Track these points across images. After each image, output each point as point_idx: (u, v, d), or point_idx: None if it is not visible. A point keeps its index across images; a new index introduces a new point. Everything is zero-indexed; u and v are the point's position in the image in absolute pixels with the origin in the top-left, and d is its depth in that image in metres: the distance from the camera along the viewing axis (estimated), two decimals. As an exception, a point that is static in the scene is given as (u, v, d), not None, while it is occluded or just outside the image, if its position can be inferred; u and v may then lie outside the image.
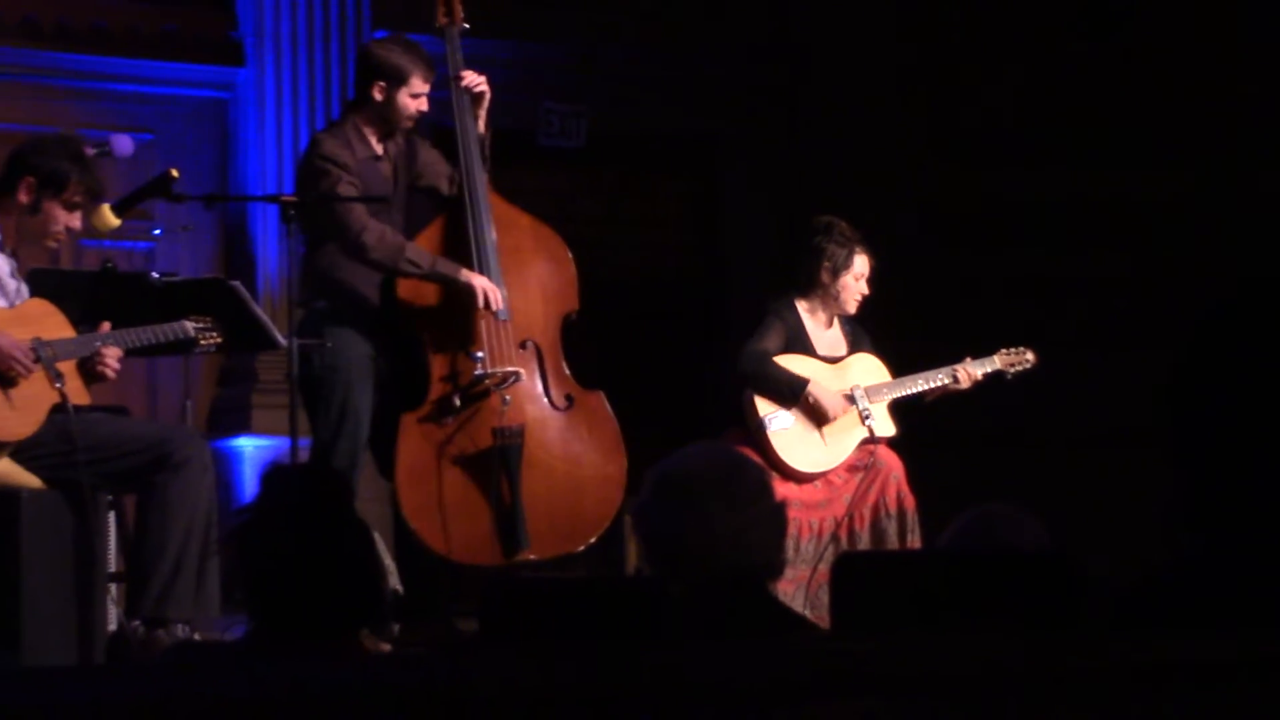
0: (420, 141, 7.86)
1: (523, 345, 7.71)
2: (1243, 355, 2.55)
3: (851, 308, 8.26)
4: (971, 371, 8.37)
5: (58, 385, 6.47)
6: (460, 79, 7.77)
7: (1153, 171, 12.20)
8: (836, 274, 8.19)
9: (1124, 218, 12.21)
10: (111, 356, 6.66)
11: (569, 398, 7.76)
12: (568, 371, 7.80)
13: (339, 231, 7.48)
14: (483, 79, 7.80)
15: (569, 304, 7.87)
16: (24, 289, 6.72)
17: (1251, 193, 11.63)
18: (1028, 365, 8.52)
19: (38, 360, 6.47)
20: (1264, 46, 11.82)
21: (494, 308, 7.56)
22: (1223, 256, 10.98)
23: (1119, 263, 12.17)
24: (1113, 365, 10.83)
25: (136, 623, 6.64)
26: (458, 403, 7.57)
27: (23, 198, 6.64)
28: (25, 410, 6.46)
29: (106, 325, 6.76)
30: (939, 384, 8.32)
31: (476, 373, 7.57)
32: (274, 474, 3.75)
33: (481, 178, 7.70)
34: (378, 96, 7.61)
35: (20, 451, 6.50)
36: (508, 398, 7.59)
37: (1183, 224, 12.03)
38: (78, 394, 6.57)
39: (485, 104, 7.80)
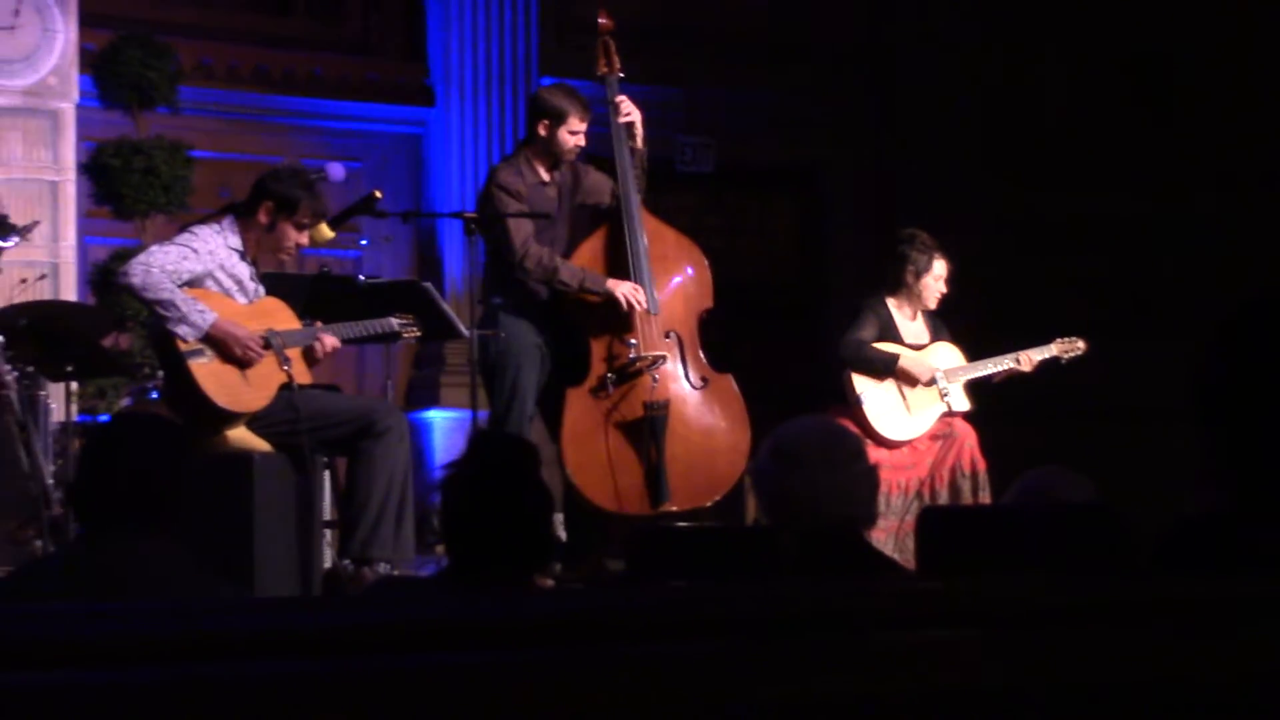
0: (585, 167, 7.84)
1: (667, 335, 7.71)
2: (1260, 341, 2.53)
3: (932, 304, 8.23)
4: (1032, 357, 8.31)
5: (285, 368, 6.53)
6: (616, 109, 7.76)
7: (1183, 194, 12.15)
8: (919, 276, 8.16)
9: (1160, 230, 12.15)
10: (329, 343, 6.72)
11: (704, 379, 7.76)
12: (703, 357, 7.79)
13: (506, 250, 7.50)
14: (631, 108, 7.77)
15: (705, 302, 7.86)
16: (260, 289, 6.78)
17: (1269, 211, 11.54)
18: (1079, 352, 8.44)
19: (268, 347, 6.53)
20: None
21: (638, 307, 7.57)
22: (1241, 261, 10.88)
23: (1155, 266, 12.10)
24: (1150, 351, 10.72)
25: (346, 562, 6.68)
26: (613, 380, 7.58)
27: (262, 218, 6.69)
28: (259, 387, 6.53)
29: (320, 323, 6.82)
30: (1005, 367, 8.28)
31: (630, 356, 7.58)
32: (479, 438, 3.72)
33: (635, 197, 7.68)
34: (542, 133, 7.61)
35: (254, 421, 6.56)
36: (657, 377, 7.60)
37: (1209, 236, 11.95)
38: (301, 375, 6.63)
39: (638, 127, 7.78)
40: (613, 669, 1.88)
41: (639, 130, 7.76)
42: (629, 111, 7.75)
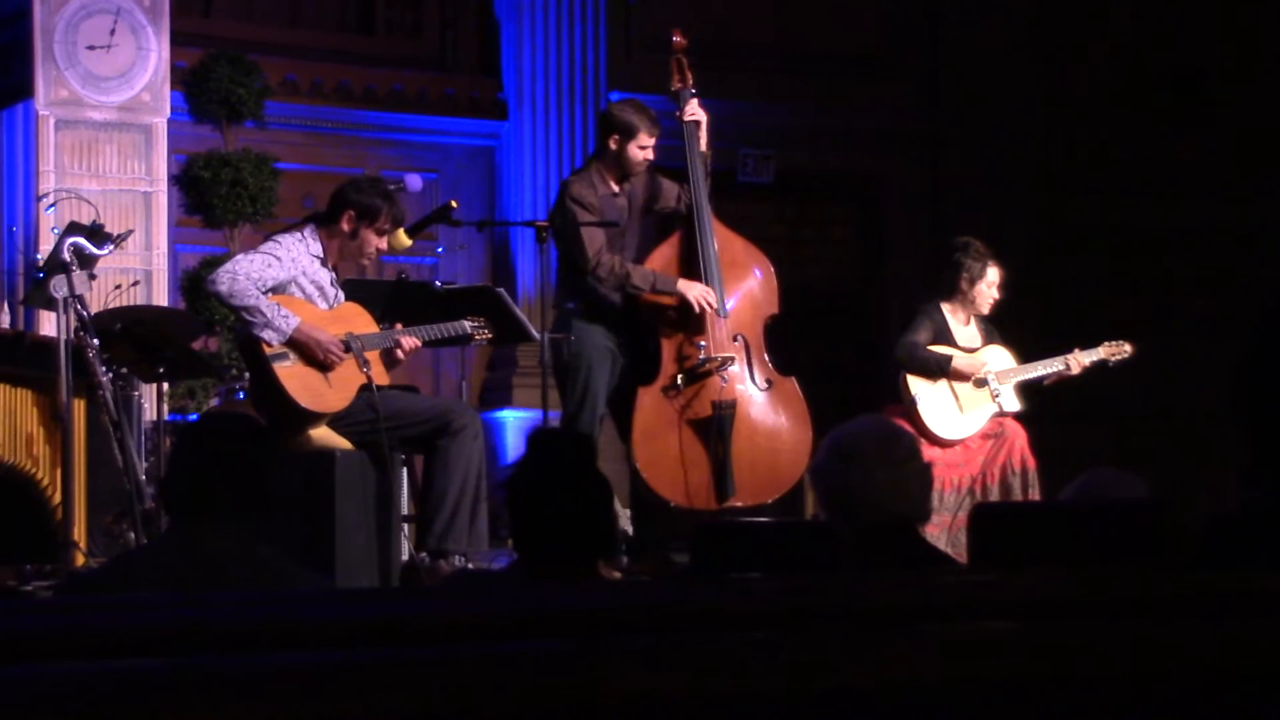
0: (653, 176, 7.80)
1: (734, 338, 7.67)
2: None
3: (985, 309, 8.19)
4: (1081, 359, 8.25)
5: (365, 370, 6.54)
6: (683, 112, 7.73)
7: (1220, 201, 12.11)
8: (973, 283, 8.12)
9: (1199, 238, 12.12)
10: (408, 344, 6.73)
11: (769, 381, 7.72)
12: (768, 361, 7.76)
13: (581, 259, 7.47)
14: (697, 109, 7.73)
15: (772, 309, 7.81)
16: (340, 295, 6.79)
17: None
18: (1125, 355, 8.38)
19: (348, 350, 6.54)
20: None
21: (710, 309, 7.54)
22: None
23: (1196, 272, 12.07)
24: (1194, 354, 10.67)
25: (423, 554, 6.69)
26: (681, 381, 7.56)
27: (344, 226, 6.70)
28: (340, 389, 6.54)
29: (399, 326, 6.84)
30: (1055, 369, 8.23)
31: (700, 357, 7.55)
32: (538, 436, 3.73)
33: (706, 205, 7.63)
34: (613, 147, 7.58)
35: (336, 421, 6.58)
36: (726, 377, 7.57)
37: (1251, 240, 11.91)
38: (380, 376, 6.64)
39: (704, 128, 7.75)
40: (675, 658, 1.88)
41: (703, 134, 7.73)
42: (694, 112, 7.72)
